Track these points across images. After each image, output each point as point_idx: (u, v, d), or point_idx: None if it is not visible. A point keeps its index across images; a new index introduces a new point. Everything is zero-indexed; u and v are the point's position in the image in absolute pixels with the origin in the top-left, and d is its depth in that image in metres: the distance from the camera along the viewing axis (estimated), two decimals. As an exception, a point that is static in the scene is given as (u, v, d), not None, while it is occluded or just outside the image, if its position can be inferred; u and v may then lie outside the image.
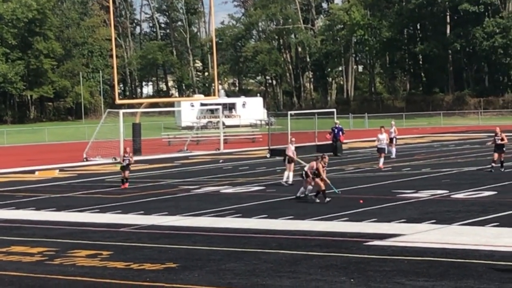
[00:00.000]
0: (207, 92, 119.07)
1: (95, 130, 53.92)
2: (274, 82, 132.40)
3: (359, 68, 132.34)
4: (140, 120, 55.70)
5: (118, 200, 28.20)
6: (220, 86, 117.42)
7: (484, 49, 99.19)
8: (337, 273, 15.16)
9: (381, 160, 36.92)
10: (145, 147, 53.81)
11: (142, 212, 24.80)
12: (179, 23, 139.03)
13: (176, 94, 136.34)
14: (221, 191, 30.09)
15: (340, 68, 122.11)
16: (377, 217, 21.73)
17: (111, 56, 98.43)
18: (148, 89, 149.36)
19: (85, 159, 48.64)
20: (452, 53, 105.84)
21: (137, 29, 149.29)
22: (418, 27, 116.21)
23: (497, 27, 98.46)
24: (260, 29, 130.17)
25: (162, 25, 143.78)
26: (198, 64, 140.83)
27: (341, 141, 46.95)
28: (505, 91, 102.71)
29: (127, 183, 32.29)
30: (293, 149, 31.43)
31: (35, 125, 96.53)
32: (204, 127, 79.99)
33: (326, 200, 24.81)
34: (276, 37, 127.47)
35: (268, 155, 46.62)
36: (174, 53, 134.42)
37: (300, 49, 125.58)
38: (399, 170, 35.36)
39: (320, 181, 25.13)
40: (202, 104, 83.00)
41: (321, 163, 25.48)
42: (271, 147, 47.67)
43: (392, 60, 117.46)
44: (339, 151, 45.70)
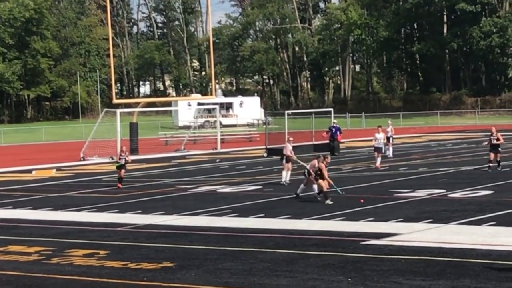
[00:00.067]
0: (204, 91, 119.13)
1: (92, 129, 53.86)
2: (271, 82, 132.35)
3: (356, 68, 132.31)
4: (137, 119, 55.69)
5: (115, 199, 28.19)
6: (217, 86, 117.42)
7: (481, 48, 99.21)
8: (334, 273, 15.16)
9: (378, 159, 36.91)
10: (142, 146, 53.80)
11: (139, 211, 24.78)
12: (176, 22, 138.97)
13: (173, 94, 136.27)
14: (218, 190, 30.08)
15: (337, 68, 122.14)
16: (374, 217, 21.73)
17: (108, 56, 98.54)
18: (145, 89, 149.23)
19: (82, 159, 48.61)
20: (449, 52, 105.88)
21: (134, 29, 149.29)
22: (415, 26, 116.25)
23: (494, 27, 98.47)
24: (257, 28, 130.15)
25: (159, 25, 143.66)
26: (195, 63, 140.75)
27: (339, 141, 46.96)
28: (502, 90, 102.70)
29: (120, 183, 32.17)
30: (290, 148, 31.44)
31: (32, 125, 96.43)
32: (201, 126, 79.85)
33: (327, 202, 24.70)
34: (273, 36, 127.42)
35: (265, 155, 46.61)
36: (171, 52, 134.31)
37: (297, 49, 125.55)
38: (396, 170, 35.37)
39: (323, 181, 25.10)
40: (199, 104, 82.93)
41: (324, 163, 25.45)
42: (268, 147, 47.69)
43: (389, 60, 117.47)
44: (337, 150, 45.68)
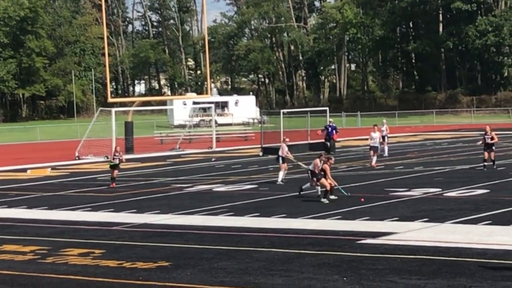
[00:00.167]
0: (200, 90, 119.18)
1: (87, 128, 53.82)
2: (267, 81, 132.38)
3: (351, 67, 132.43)
4: (132, 118, 55.64)
5: (110, 198, 28.15)
6: (212, 85, 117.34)
7: (477, 47, 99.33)
8: (330, 272, 15.13)
9: (374, 158, 36.88)
10: (137, 145, 53.75)
11: (135, 210, 24.74)
12: (172, 21, 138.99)
13: (169, 93, 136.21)
14: (214, 189, 30.04)
15: (332, 67, 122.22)
16: (370, 216, 21.71)
17: (103, 55, 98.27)
18: (140, 88, 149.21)
19: (77, 158, 48.55)
20: (445, 51, 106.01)
21: (129, 27, 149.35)
22: (411, 25, 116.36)
23: (490, 26, 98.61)
24: (253, 27, 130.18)
25: (155, 23, 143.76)
26: (191, 62, 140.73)
27: (334, 140, 46.97)
28: (498, 89, 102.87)
29: (113, 182, 32.11)
30: (286, 149, 31.44)
31: (27, 124, 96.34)
32: (196, 125, 79.89)
33: (323, 200, 24.73)
34: (269, 35, 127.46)
35: (260, 154, 46.60)
36: (167, 51, 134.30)
37: (292, 48, 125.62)
38: (392, 169, 35.38)
39: (326, 181, 25.08)
40: (195, 103, 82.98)
41: (328, 164, 25.43)
42: (264, 146, 47.67)
43: (384, 59, 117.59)
44: (332, 149, 45.67)
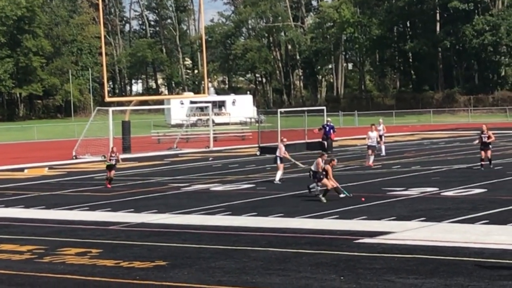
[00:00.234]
0: (197, 90, 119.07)
1: (84, 128, 53.79)
2: (264, 80, 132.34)
3: (349, 66, 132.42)
4: (129, 118, 55.58)
5: (108, 198, 28.14)
6: (209, 84, 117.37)
7: (474, 46, 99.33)
8: (327, 271, 15.13)
9: (371, 158, 36.89)
10: (134, 145, 53.71)
11: (132, 210, 24.73)
12: (169, 20, 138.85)
13: (166, 92, 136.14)
14: (211, 189, 30.04)
15: (330, 66, 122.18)
16: (367, 215, 21.72)
17: (100, 54, 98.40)
18: (137, 87, 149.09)
19: (74, 157, 48.53)
20: (442, 50, 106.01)
21: (127, 27, 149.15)
22: (408, 24, 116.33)
23: (487, 25, 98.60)
24: (250, 26, 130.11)
25: (152, 23, 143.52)
26: (188, 62, 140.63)
27: (332, 139, 46.95)
28: (495, 88, 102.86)
29: (109, 183, 32.03)
30: (284, 149, 31.43)
31: (24, 123, 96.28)
32: (193, 125, 79.86)
33: (321, 197, 24.77)
34: (266, 34, 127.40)
35: (258, 153, 46.60)
36: (164, 51, 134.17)
37: (290, 47, 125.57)
38: (389, 168, 35.38)
39: (328, 181, 25.08)
40: (192, 102, 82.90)
41: (330, 165, 25.42)
42: (261, 145, 47.69)
43: (382, 58, 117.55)
44: (329, 148, 45.65)
